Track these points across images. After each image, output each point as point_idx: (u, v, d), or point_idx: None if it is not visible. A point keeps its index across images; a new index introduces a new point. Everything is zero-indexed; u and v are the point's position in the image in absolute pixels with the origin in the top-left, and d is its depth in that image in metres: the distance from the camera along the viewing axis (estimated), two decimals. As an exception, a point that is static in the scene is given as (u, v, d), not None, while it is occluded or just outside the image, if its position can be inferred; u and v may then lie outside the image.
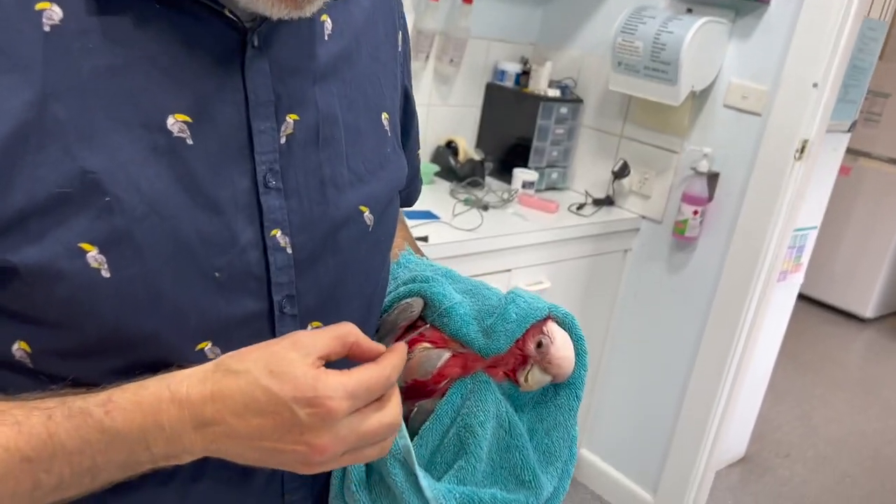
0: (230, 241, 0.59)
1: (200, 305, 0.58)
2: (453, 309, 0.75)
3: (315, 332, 0.57)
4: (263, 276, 0.62)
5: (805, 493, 2.82)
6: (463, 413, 0.73)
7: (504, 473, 0.74)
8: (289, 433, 0.54)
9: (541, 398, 0.78)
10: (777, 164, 2.02)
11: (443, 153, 2.39)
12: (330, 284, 0.68)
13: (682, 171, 2.23)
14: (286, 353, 0.54)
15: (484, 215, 2.07)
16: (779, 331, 2.72)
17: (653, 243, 2.35)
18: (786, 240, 2.14)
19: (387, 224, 0.75)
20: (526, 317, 0.74)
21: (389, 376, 0.59)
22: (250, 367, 0.54)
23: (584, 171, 2.51)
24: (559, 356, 0.73)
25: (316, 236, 0.65)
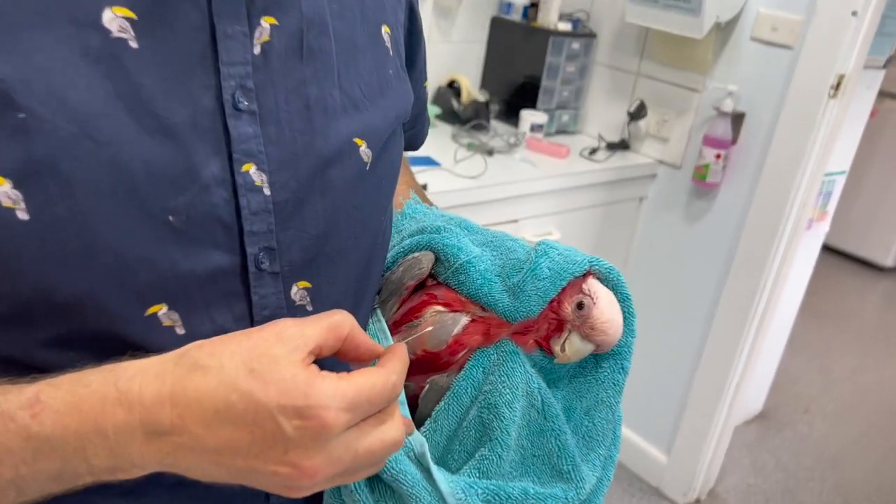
0: (188, 175, 0.49)
1: (150, 258, 0.49)
2: (471, 264, 0.65)
3: (304, 322, 0.48)
4: (234, 223, 0.52)
5: (825, 448, 2.76)
6: (485, 390, 0.62)
7: (537, 463, 0.63)
8: (270, 450, 0.44)
9: (579, 371, 0.67)
10: (809, 102, 1.90)
11: (444, 94, 2.29)
12: (319, 235, 0.57)
13: (704, 111, 2.11)
14: (270, 348, 0.45)
15: (488, 161, 1.99)
16: (801, 283, 2.62)
17: (671, 190, 2.25)
18: (816, 185, 2.03)
19: (388, 162, 0.64)
20: (561, 272, 0.63)
21: (395, 385, 0.49)
22: (224, 362, 0.44)
23: (597, 113, 2.40)
24: (603, 320, 0.62)
25: (300, 174, 0.55)
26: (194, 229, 0.50)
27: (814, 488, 2.54)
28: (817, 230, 2.50)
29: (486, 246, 0.68)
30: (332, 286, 0.60)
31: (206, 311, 0.52)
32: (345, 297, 0.62)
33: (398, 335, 0.66)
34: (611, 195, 2.20)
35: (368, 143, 0.59)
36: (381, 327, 0.66)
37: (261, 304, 0.55)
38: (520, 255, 0.66)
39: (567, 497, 0.61)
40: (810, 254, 2.57)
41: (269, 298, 0.55)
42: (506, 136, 2.18)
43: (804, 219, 2.05)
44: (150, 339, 0.50)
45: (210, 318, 0.53)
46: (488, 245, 0.68)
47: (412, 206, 0.80)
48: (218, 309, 0.53)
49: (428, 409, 0.64)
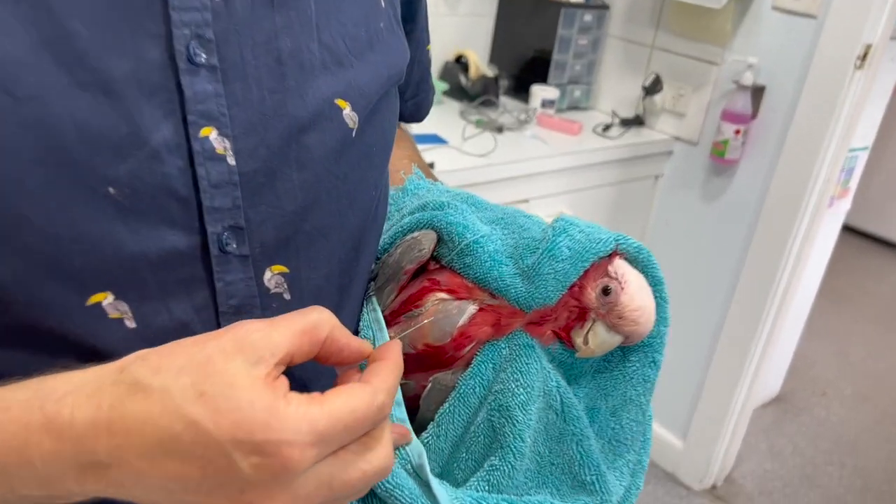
0: (132, 140, 0.42)
1: (87, 237, 0.42)
2: (478, 244, 0.57)
3: (272, 324, 0.40)
4: (191, 197, 0.45)
5: (843, 433, 2.70)
6: (496, 390, 0.55)
7: (556, 473, 0.56)
8: (224, 487, 0.37)
9: (604, 367, 0.60)
10: (834, 73, 1.82)
11: (451, 69, 2.22)
12: (297, 211, 0.50)
13: (723, 85, 2.04)
14: (226, 363, 0.37)
15: (498, 139, 1.92)
16: (821, 263, 2.53)
17: (687, 168, 2.18)
18: (840, 161, 1.96)
19: (379, 129, 0.57)
20: (584, 252, 0.56)
21: (383, 406, 0.41)
22: (169, 383, 0.36)
23: (611, 88, 2.32)
24: (633, 307, 0.55)
25: (271, 140, 0.48)
26: (142, 204, 0.43)
27: (833, 473, 2.48)
28: (838, 208, 2.42)
29: (497, 224, 0.61)
30: (313, 270, 0.53)
31: (162, 301, 0.46)
32: (329, 283, 0.55)
33: (396, 327, 0.59)
34: (625, 173, 2.14)
35: (354, 105, 0.52)
36: (375, 317, 0.59)
37: (227, 291, 0.48)
38: (535, 234, 0.58)
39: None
40: (830, 233, 2.50)
41: (236, 286, 0.48)
42: (516, 112, 2.12)
43: (827, 196, 1.98)
44: (95, 334, 0.44)
45: (166, 308, 0.46)
46: (498, 223, 0.61)
47: (414, 181, 0.73)
48: (175, 298, 0.46)
49: (430, 411, 0.57)
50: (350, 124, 0.52)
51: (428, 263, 0.61)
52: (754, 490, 2.37)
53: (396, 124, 0.63)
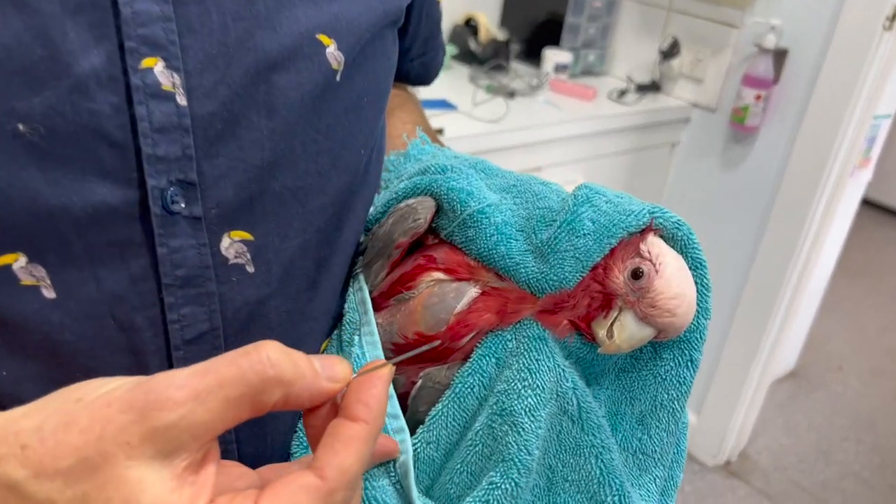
0: (50, 66, 0.35)
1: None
2: (483, 213, 0.49)
3: (195, 394, 0.28)
4: (128, 143, 0.37)
5: (859, 409, 2.65)
6: (499, 391, 0.47)
7: (570, 491, 0.47)
8: None
9: (631, 365, 0.51)
10: (861, 35, 1.75)
11: (461, 33, 2.14)
12: (264, 167, 0.42)
13: (744, 48, 1.96)
14: (129, 465, 0.27)
15: (509, 104, 1.85)
16: (840, 235, 2.46)
17: (705, 135, 2.11)
18: (864, 129, 1.89)
19: (371, 75, 0.49)
20: (611, 227, 0.47)
21: (347, 485, 0.31)
22: (54, 495, 0.27)
23: (626, 52, 2.24)
24: (670, 295, 0.45)
25: (234, 77, 0.40)
26: (62, 147, 0.36)
27: (849, 449, 2.43)
28: (859, 178, 2.34)
29: (508, 192, 0.53)
30: (284, 239, 0.45)
31: (89, 268, 0.38)
32: (304, 255, 0.47)
33: (384, 311, 0.51)
34: (641, 140, 2.07)
35: (339, 43, 0.45)
36: (362, 298, 0.52)
37: (171, 260, 0.40)
38: (552, 204, 0.50)
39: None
40: (850, 204, 2.42)
41: (184, 253, 0.41)
42: (527, 77, 2.05)
43: (849, 166, 1.92)
44: (5, 304, 0.37)
45: (94, 277, 0.39)
46: (510, 191, 0.53)
47: (418, 146, 0.65)
48: (105, 265, 0.39)
49: (420, 413, 0.49)
50: (334, 65, 0.45)
51: (425, 237, 0.53)
52: (769, 466, 2.32)
53: (392, 74, 0.55)
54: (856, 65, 1.76)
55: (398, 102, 0.71)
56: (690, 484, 2.20)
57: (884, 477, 2.33)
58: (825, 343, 2.96)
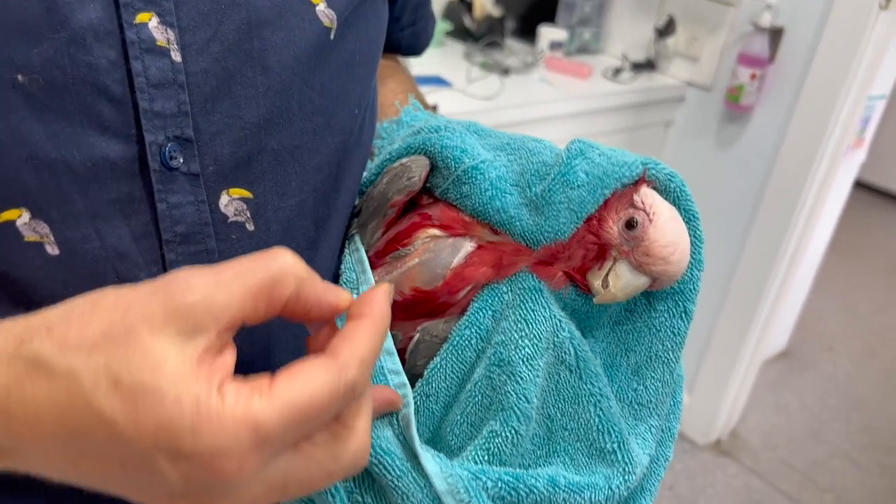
0: (47, 19, 0.35)
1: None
2: (477, 169, 0.49)
3: (217, 282, 0.30)
4: (126, 97, 0.38)
5: (850, 389, 2.67)
6: (496, 342, 0.47)
7: (570, 440, 0.48)
8: (150, 488, 0.30)
9: (625, 317, 0.52)
10: (857, 13, 1.73)
11: (455, 9, 2.13)
12: (259, 125, 0.43)
13: (740, 27, 1.95)
14: (152, 337, 0.29)
15: (504, 81, 1.84)
16: (833, 215, 2.47)
17: (700, 114, 2.10)
18: (859, 109, 1.88)
19: (364, 35, 0.49)
20: (604, 178, 0.47)
21: (352, 384, 0.32)
22: (78, 364, 0.28)
23: (622, 31, 2.23)
24: (664, 243, 0.46)
25: (226, 34, 0.40)
26: (61, 100, 0.36)
27: (839, 429, 2.45)
28: (853, 158, 2.35)
29: (501, 150, 0.53)
30: (283, 198, 0.45)
31: (91, 223, 0.38)
32: (302, 214, 0.47)
33: (381, 269, 0.51)
34: (636, 119, 2.06)
35: (329, 1, 0.45)
36: (359, 258, 0.52)
37: (171, 216, 0.41)
38: (546, 158, 0.50)
39: (611, 486, 0.46)
40: (844, 184, 2.42)
41: (183, 209, 0.41)
42: (522, 54, 2.04)
43: (844, 146, 1.91)
44: (9, 260, 0.37)
45: (97, 233, 0.39)
46: (503, 149, 0.53)
47: (411, 113, 0.65)
48: (107, 221, 0.39)
49: (418, 367, 0.49)
50: (326, 23, 0.45)
51: (420, 197, 0.53)
52: (759, 445, 2.34)
53: (383, 35, 0.55)
54: (851, 44, 1.75)
55: (389, 72, 0.70)
56: (681, 462, 2.22)
57: (872, 456, 2.35)
58: (817, 323, 2.97)
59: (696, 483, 2.17)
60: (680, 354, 0.51)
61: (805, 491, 2.19)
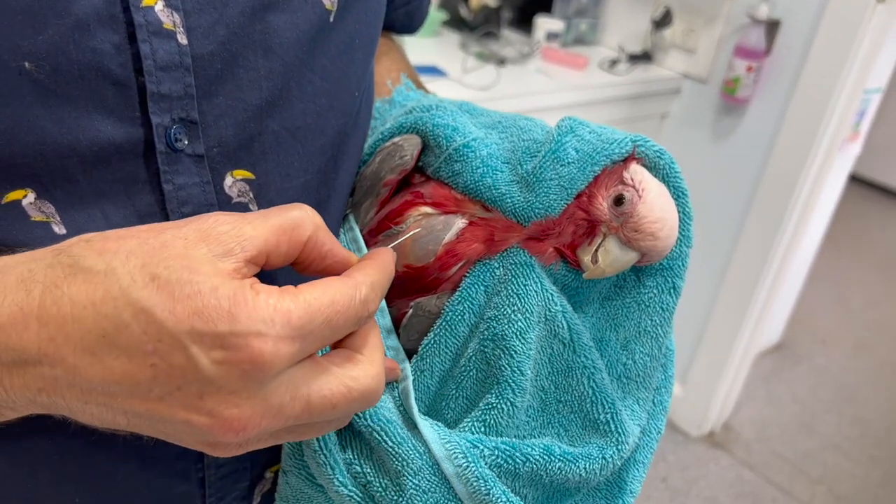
0: (51, 5, 0.35)
1: (0, 121, 0.36)
2: (469, 147, 0.49)
3: (244, 217, 0.34)
4: (130, 81, 0.38)
5: (843, 382, 2.67)
6: (489, 317, 0.48)
7: (564, 411, 0.49)
8: (179, 391, 0.31)
9: (615, 293, 0.52)
10: (854, 7, 1.73)
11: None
12: (262, 106, 0.43)
13: (736, 19, 1.94)
14: (188, 248, 0.32)
15: (500, 72, 1.83)
16: (827, 209, 2.47)
17: (696, 106, 2.09)
18: (855, 102, 1.87)
19: (363, 18, 0.49)
20: (594, 154, 0.48)
21: (367, 301, 0.35)
22: (116, 264, 0.30)
23: (618, 22, 2.22)
24: (652, 219, 0.46)
25: (231, 17, 0.40)
26: (67, 85, 0.36)
27: (830, 421, 2.46)
28: (848, 152, 2.35)
29: (493, 128, 0.53)
30: (286, 179, 0.46)
31: (97, 204, 0.39)
32: (305, 195, 0.48)
33: (374, 247, 0.52)
34: (631, 111, 2.06)
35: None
36: (353, 237, 0.53)
37: (177, 197, 0.41)
38: (536, 136, 0.50)
39: (605, 456, 0.47)
40: (838, 178, 2.42)
41: (189, 190, 0.42)
42: (518, 45, 2.03)
43: (839, 139, 1.91)
44: (15, 239, 0.38)
45: (102, 213, 0.40)
46: (495, 127, 0.53)
47: (403, 92, 0.65)
48: (112, 201, 0.40)
49: (412, 342, 0.50)
50: (327, 5, 0.45)
51: (412, 176, 0.53)
52: (752, 437, 2.35)
53: (382, 17, 0.56)
54: (848, 37, 1.74)
55: (383, 50, 0.70)
56: (674, 454, 2.23)
57: (863, 448, 2.36)
58: (810, 316, 2.98)
59: (688, 474, 2.18)
60: (668, 329, 0.51)
61: (797, 482, 2.20)
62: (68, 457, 0.44)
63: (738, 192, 2.05)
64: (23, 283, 0.31)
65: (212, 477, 0.49)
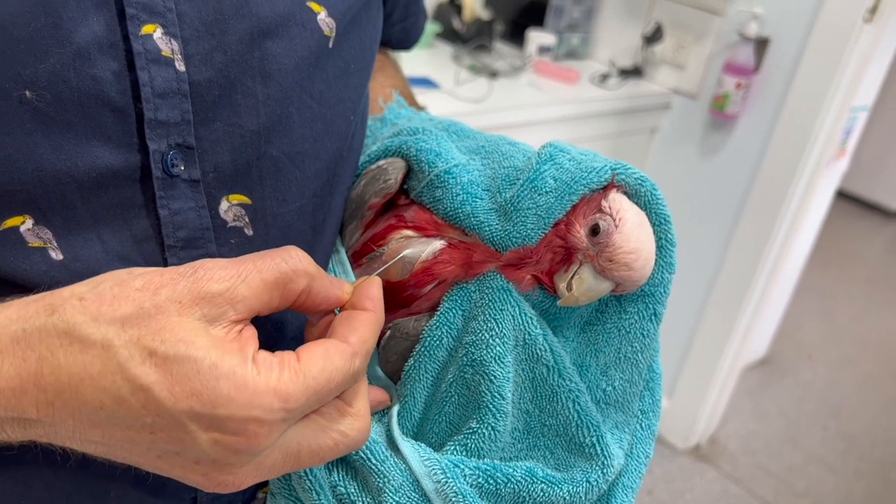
0: (51, 34, 0.35)
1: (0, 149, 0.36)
2: (450, 174, 0.50)
3: (237, 274, 0.34)
4: (128, 108, 0.38)
5: (828, 396, 2.69)
6: (467, 342, 0.48)
7: (549, 435, 0.49)
8: (177, 456, 0.32)
9: (596, 318, 0.52)
10: (842, 26, 1.75)
11: (445, 11, 2.13)
12: (259, 132, 0.43)
13: (726, 36, 1.96)
14: (181, 317, 0.31)
15: (492, 84, 1.84)
16: (814, 224, 2.48)
17: (685, 121, 2.11)
18: (842, 120, 1.89)
19: (358, 43, 0.50)
20: (572, 184, 0.48)
21: (358, 371, 0.37)
22: (112, 335, 0.30)
23: (610, 37, 2.24)
24: (627, 249, 0.46)
25: (229, 44, 0.41)
26: (66, 113, 0.36)
27: (815, 435, 2.47)
28: (835, 168, 2.37)
29: (476, 153, 0.53)
30: (282, 204, 0.46)
31: (94, 229, 0.39)
32: (301, 220, 0.48)
33: (359, 269, 0.52)
34: (621, 125, 2.07)
35: (329, 9, 0.45)
36: (339, 259, 0.53)
37: (173, 221, 0.42)
38: (517, 163, 0.51)
39: (589, 480, 0.47)
40: (826, 193, 2.44)
41: (185, 215, 0.42)
42: (511, 58, 2.04)
43: (827, 156, 1.93)
44: (13, 265, 0.38)
45: (99, 238, 0.40)
46: (478, 152, 0.54)
47: (395, 110, 0.65)
48: (109, 226, 0.40)
49: (390, 363, 0.51)
50: (326, 31, 0.45)
51: (397, 198, 0.53)
52: (738, 450, 2.36)
53: (378, 41, 0.56)
54: (835, 56, 1.76)
55: (378, 66, 0.71)
56: (660, 467, 2.23)
57: (848, 462, 2.38)
58: (796, 330, 3.00)
59: (674, 487, 2.18)
60: (649, 355, 0.52)
61: (782, 496, 2.21)
62: (62, 473, 0.44)
63: (726, 207, 2.06)
64: (18, 346, 0.31)
65: (203, 498, 0.49)
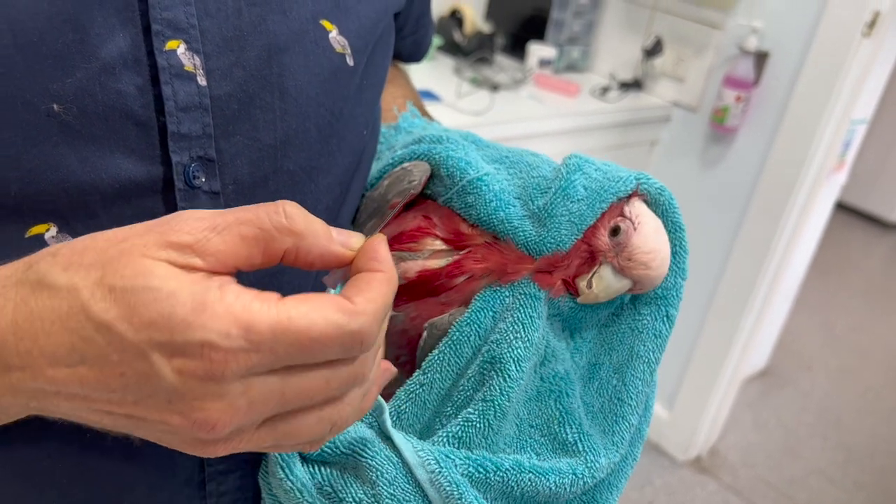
0: (78, 50, 0.36)
1: (27, 160, 0.37)
2: (482, 182, 0.51)
3: (213, 227, 0.31)
4: (152, 121, 0.39)
5: (828, 406, 2.69)
6: (491, 340, 0.49)
7: (535, 435, 0.51)
8: (150, 397, 0.30)
9: (612, 320, 0.55)
10: (841, 40, 1.77)
11: (446, 24, 2.15)
12: (276, 146, 0.45)
13: (726, 49, 1.98)
14: (145, 256, 0.30)
15: (493, 97, 1.85)
16: (813, 236, 2.50)
17: (685, 134, 2.12)
18: (842, 133, 1.91)
19: (373, 57, 0.52)
20: (601, 192, 0.50)
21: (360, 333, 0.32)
22: (77, 280, 0.30)
23: (610, 50, 2.25)
24: (646, 250, 0.50)
25: (248, 60, 0.42)
26: (92, 126, 0.37)
27: (815, 446, 2.47)
28: (834, 181, 2.38)
29: (501, 163, 0.55)
30: None
31: None
32: None
33: None
34: (621, 138, 2.08)
35: (340, 28, 0.47)
36: None
37: None
38: (545, 173, 0.53)
39: (575, 473, 0.49)
40: (824, 206, 2.46)
41: None
42: (511, 71, 2.06)
43: (826, 169, 1.94)
44: None
45: None
46: (503, 161, 0.55)
47: (408, 119, 0.67)
48: None
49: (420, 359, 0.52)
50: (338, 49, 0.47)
51: (418, 200, 0.55)
52: (738, 462, 2.36)
53: (390, 57, 0.58)
54: (834, 69, 1.78)
55: (390, 77, 0.73)
56: (661, 478, 2.23)
57: (848, 473, 2.38)
58: (796, 342, 3.01)
59: (675, 499, 2.18)
60: (660, 356, 0.54)
61: (782, 508, 2.21)
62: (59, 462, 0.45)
63: (726, 220, 2.07)
64: None
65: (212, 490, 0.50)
